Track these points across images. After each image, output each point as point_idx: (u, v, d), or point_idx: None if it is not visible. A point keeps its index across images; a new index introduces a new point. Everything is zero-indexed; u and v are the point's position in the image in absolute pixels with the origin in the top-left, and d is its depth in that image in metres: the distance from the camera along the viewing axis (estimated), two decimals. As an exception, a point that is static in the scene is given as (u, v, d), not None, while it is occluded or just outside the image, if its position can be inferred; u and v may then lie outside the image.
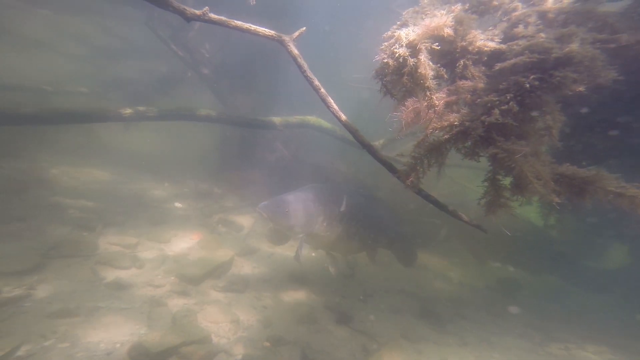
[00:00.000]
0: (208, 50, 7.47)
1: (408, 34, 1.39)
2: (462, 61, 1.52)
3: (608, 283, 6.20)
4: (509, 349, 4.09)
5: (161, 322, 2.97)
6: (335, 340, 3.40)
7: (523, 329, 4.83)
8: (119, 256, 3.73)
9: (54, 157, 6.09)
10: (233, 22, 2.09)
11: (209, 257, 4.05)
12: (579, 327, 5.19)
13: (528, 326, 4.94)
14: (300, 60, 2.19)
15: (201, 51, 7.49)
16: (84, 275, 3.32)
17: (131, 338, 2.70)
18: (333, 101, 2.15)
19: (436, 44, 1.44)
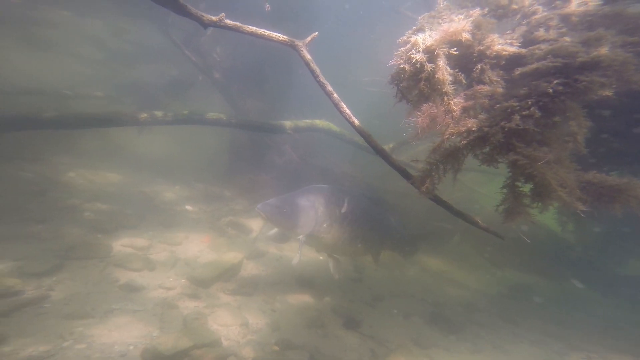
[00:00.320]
0: (219, 55, 7.58)
1: (425, 39, 1.37)
2: (480, 65, 1.49)
3: (635, 291, 5.92)
4: (525, 357, 3.96)
5: (173, 325, 3.00)
6: (343, 344, 3.37)
7: (539, 336, 4.68)
8: (132, 258, 3.79)
9: (71, 160, 6.27)
10: (248, 28, 2.11)
11: (218, 260, 4.08)
12: (603, 336, 4.99)
13: (545, 334, 4.79)
14: (313, 65, 2.19)
15: (213, 55, 7.61)
16: (98, 277, 3.39)
17: (144, 340, 2.74)
18: (346, 106, 2.14)
19: (454, 49, 1.41)
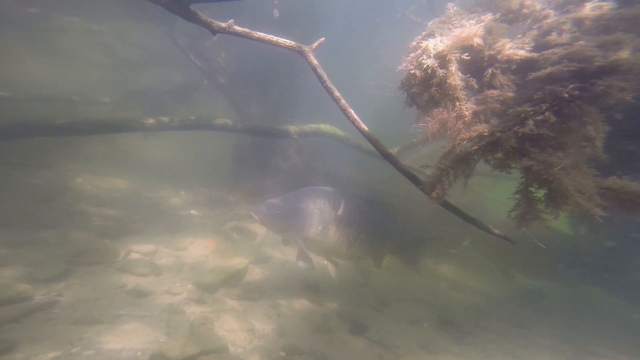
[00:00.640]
0: (224, 59, 7.65)
1: (436, 44, 1.37)
2: (490, 70, 1.48)
3: None
4: (538, 364, 3.89)
5: (180, 330, 3.00)
6: (350, 350, 3.33)
7: (551, 341, 4.59)
8: (138, 264, 3.80)
9: (78, 166, 6.35)
10: (256, 34, 2.13)
11: (224, 265, 4.07)
12: (619, 342, 4.86)
13: (557, 339, 4.69)
14: (320, 70, 2.20)
15: (218, 60, 7.68)
16: (106, 282, 3.41)
17: (151, 346, 2.73)
18: (353, 111, 2.14)
19: (466, 54, 1.41)
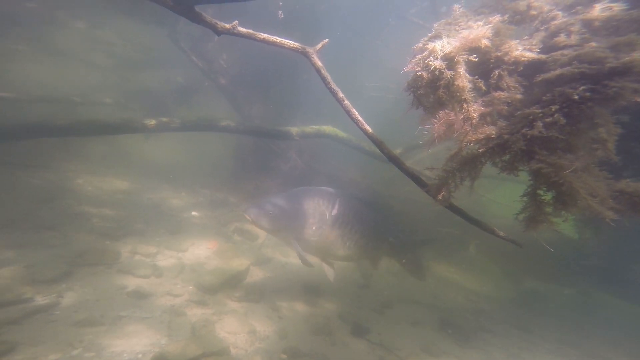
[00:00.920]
0: (226, 61, 7.64)
1: (443, 46, 1.36)
2: (497, 72, 1.47)
3: None
4: (542, 367, 3.86)
5: (181, 332, 2.98)
6: (351, 352, 3.31)
7: (555, 344, 4.56)
8: (139, 265, 3.79)
9: (79, 167, 6.33)
10: (260, 35, 2.12)
11: (225, 267, 4.05)
12: (625, 345, 4.83)
13: (561, 342, 4.66)
14: (324, 72, 2.19)
15: (219, 61, 7.67)
16: (107, 284, 3.39)
17: (153, 348, 2.71)
18: (357, 113, 2.13)
19: (473, 55, 1.40)
